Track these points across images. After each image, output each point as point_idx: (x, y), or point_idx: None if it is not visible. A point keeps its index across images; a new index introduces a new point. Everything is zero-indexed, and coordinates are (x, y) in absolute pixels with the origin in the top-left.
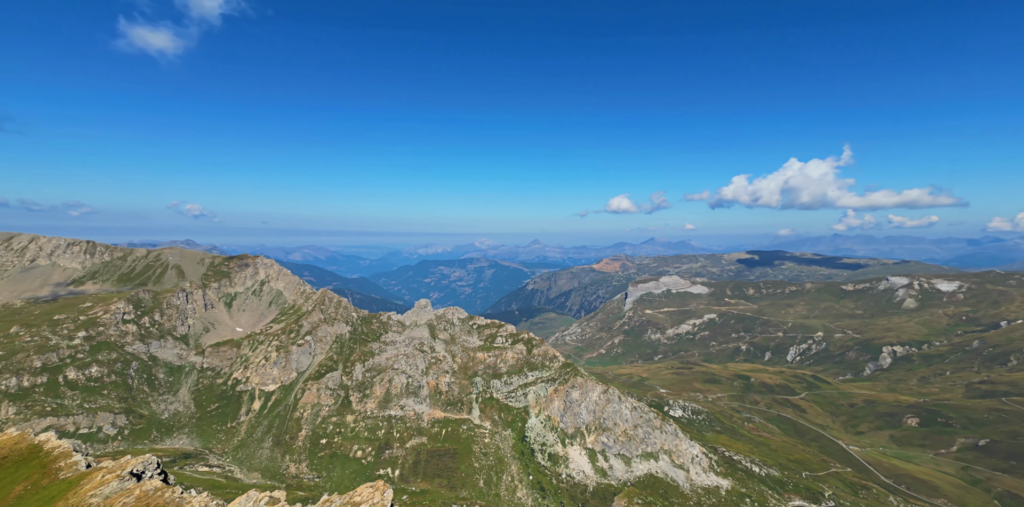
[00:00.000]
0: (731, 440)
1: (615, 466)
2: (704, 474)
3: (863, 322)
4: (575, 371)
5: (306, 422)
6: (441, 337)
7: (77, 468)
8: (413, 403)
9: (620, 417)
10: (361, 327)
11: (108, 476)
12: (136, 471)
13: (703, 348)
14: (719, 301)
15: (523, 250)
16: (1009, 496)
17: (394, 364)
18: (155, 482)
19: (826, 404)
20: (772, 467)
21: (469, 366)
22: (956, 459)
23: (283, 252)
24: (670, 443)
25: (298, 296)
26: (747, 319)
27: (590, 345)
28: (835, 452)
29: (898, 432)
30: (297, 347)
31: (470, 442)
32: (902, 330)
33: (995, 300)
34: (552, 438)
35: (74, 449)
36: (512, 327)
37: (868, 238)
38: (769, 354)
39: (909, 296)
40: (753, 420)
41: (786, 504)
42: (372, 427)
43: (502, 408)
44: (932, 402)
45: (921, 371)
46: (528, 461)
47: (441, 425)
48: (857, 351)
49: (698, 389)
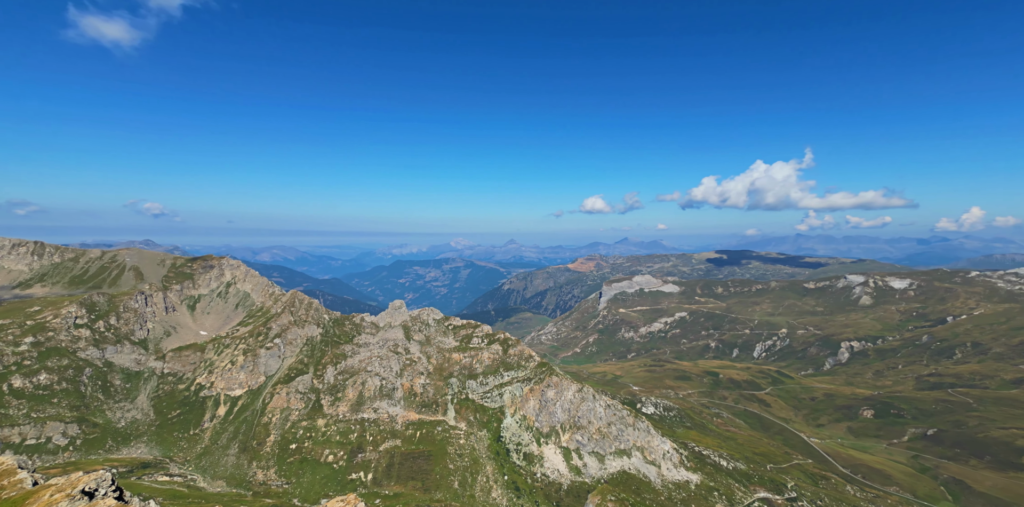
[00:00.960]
0: (701, 435)
1: (589, 464)
2: (675, 469)
3: (823, 319)
4: (551, 370)
5: (275, 427)
6: (416, 338)
7: (22, 486)
8: (387, 405)
9: (594, 415)
10: (333, 329)
11: (57, 496)
12: (88, 489)
13: (674, 346)
14: (690, 299)
15: (499, 250)
16: (954, 482)
17: (367, 366)
18: (109, 501)
19: (789, 398)
20: (739, 461)
21: (444, 367)
22: (907, 448)
23: (251, 253)
24: (642, 440)
25: (267, 298)
26: (716, 317)
27: (565, 344)
28: (797, 444)
29: (855, 424)
30: (265, 350)
31: (445, 444)
32: (859, 326)
33: (942, 297)
34: (527, 437)
35: (19, 465)
36: (488, 327)
37: (828, 238)
38: (737, 351)
39: (865, 293)
40: (722, 415)
41: (751, 496)
42: (344, 431)
43: (478, 409)
44: (886, 395)
45: (876, 365)
46: (503, 461)
47: (416, 427)
48: (818, 347)
49: (670, 386)
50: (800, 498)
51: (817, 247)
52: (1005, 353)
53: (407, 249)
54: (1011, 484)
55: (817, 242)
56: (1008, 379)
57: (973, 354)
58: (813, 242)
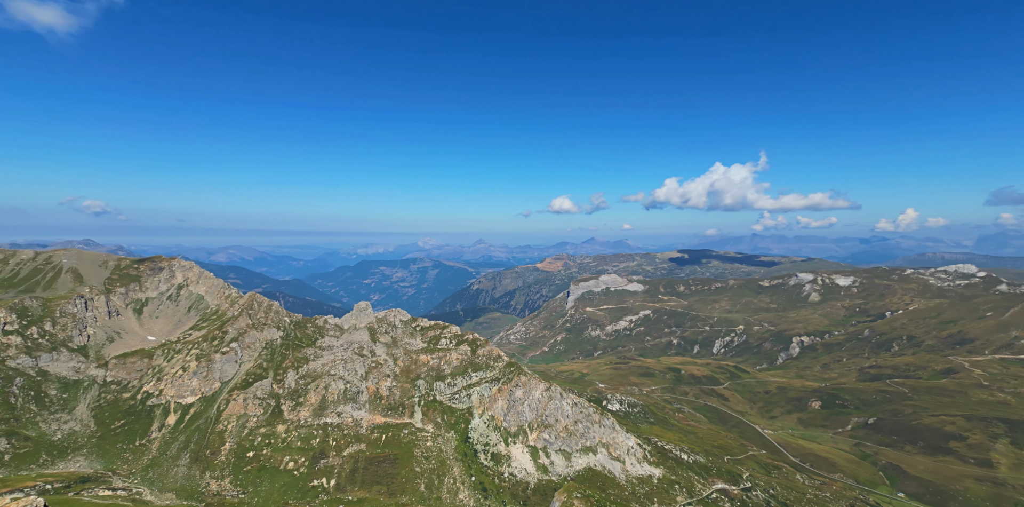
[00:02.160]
0: (663, 430)
1: (556, 462)
2: (638, 464)
3: (777, 315)
4: (519, 370)
5: (230, 435)
6: (382, 340)
7: None
8: (351, 409)
9: (562, 413)
10: (294, 332)
11: None
12: None
13: (639, 343)
14: (653, 298)
15: (468, 250)
16: (891, 467)
17: (331, 370)
18: None
19: (745, 392)
20: (699, 454)
21: (412, 369)
22: (850, 437)
23: (205, 253)
24: (608, 436)
25: (222, 300)
26: (678, 315)
27: (534, 343)
28: (752, 436)
29: (804, 415)
30: (221, 355)
31: (411, 446)
32: (808, 322)
33: (881, 293)
34: (495, 438)
35: None
36: (456, 328)
37: (781, 238)
38: (697, 347)
39: (814, 291)
40: (683, 410)
41: (710, 488)
42: (306, 436)
43: (445, 410)
44: (832, 386)
45: (823, 358)
46: (471, 462)
47: (381, 430)
48: (772, 342)
49: (634, 383)
50: (754, 488)
51: (771, 246)
52: (936, 345)
53: (373, 249)
54: (940, 467)
55: (771, 242)
56: (938, 369)
57: (908, 347)
58: (768, 242)
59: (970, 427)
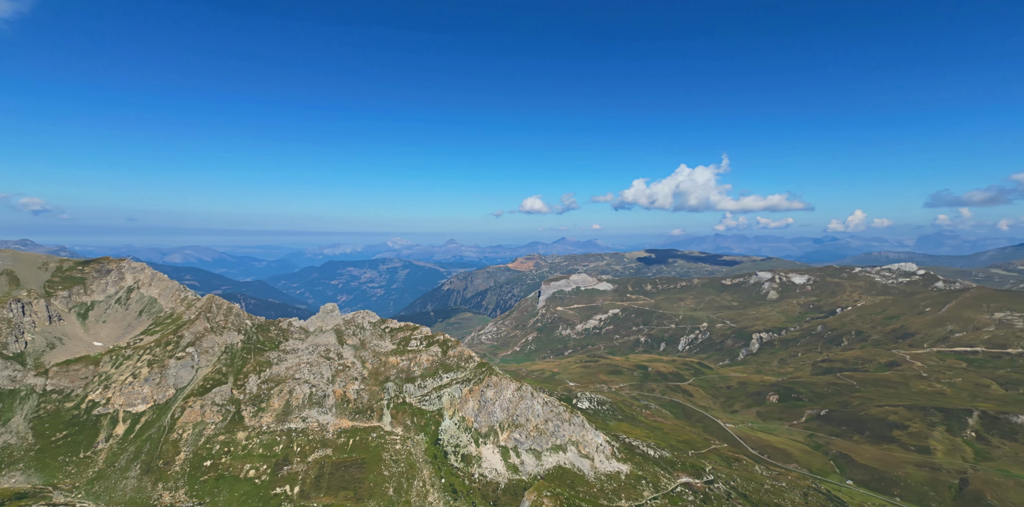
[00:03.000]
0: (631, 427)
1: (526, 461)
2: (607, 461)
3: (738, 312)
4: (490, 370)
5: (186, 444)
6: (350, 343)
7: None
8: (317, 414)
9: (532, 413)
10: (256, 335)
11: None
12: None
13: (608, 341)
14: (622, 297)
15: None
16: (841, 456)
17: (295, 374)
18: None
19: (709, 388)
20: (664, 449)
21: (381, 371)
22: (804, 428)
23: (158, 253)
24: (577, 434)
25: (177, 303)
26: (645, 313)
27: (505, 343)
28: (715, 430)
29: (763, 408)
30: (176, 360)
31: (380, 450)
32: (767, 318)
33: (833, 291)
34: (466, 439)
35: None
36: (427, 329)
37: (742, 238)
38: (664, 344)
39: (772, 289)
40: (650, 407)
41: (675, 482)
42: (268, 443)
43: (415, 412)
44: (788, 380)
45: (780, 354)
46: (441, 464)
47: (348, 435)
48: (733, 338)
49: (603, 380)
50: (716, 480)
51: (733, 246)
52: (881, 339)
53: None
54: (884, 455)
55: (733, 241)
56: (883, 362)
57: (856, 341)
58: (729, 241)
59: (911, 416)
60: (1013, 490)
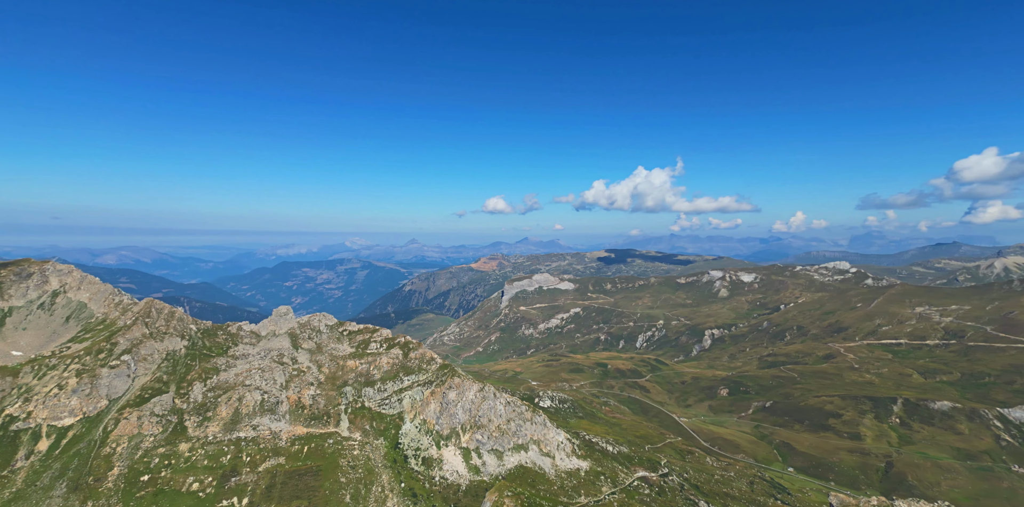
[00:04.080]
0: (591, 424)
1: (488, 462)
2: (567, 458)
3: (692, 310)
4: (453, 372)
5: (120, 458)
6: (305, 347)
7: None
8: (269, 421)
9: (495, 413)
10: (202, 341)
11: None
12: None
13: (570, 340)
14: (583, 296)
15: (400, 250)
16: (783, 445)
17: (246, 380)
18: None
19: (665, 383)
20: (623, 444)
21: (338, 376)
22: (751, 419)
23: (88, 255)
24: (539, 433)
25: (111, 308)
26: (605, 311)
27: (468, 344)
28: (670, 425)
29: (714, 402)
30: (109, 369)
31: (337, 456)
32: (718, 316)
33: (777, 288)
34: (427, 442)
35: None
36: (387, 331)
37: (695, 238)
38: (623, 342)
39: (723, 287)
40: (609, 403)
41: (632, 476)
42: (215, 454)
43: (374, 417)
44: (737, 375)
45: (730, 349)
46: (401, 468)
47: (303, 442)
48: (687, 335)
49: (565, 379)
50: (671, 473)
51: (687, 246)
52: (819, 334)
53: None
54: (821, 443)
55: (687, 241)
56: (821, 355)
57: (798, 336)
58: (684, 241)
59: (844, 405)
60: (930, 470)
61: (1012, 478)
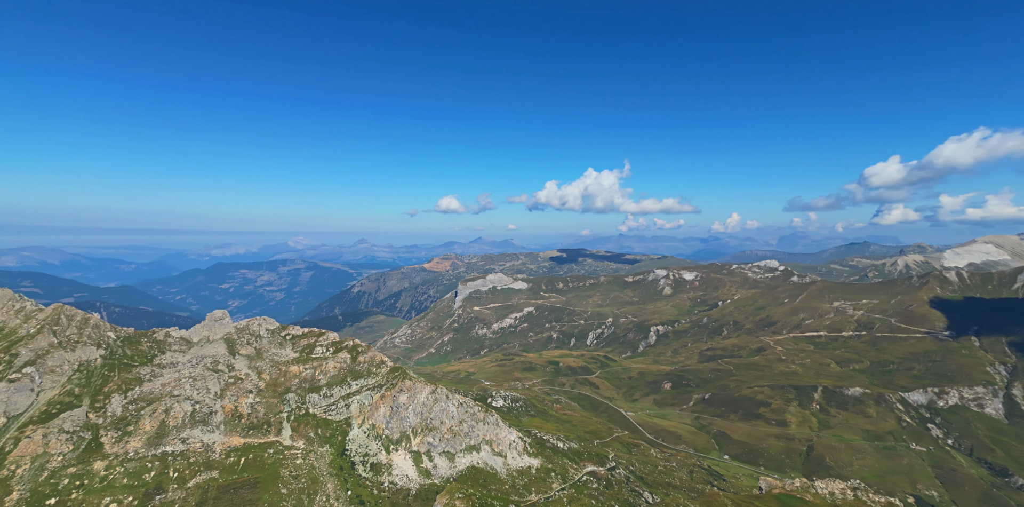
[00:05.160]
0: (543, 421)
1: (439, 464)
2: (519, 457)
3: (639, 307)
4: (404, 375)
5: (21, 481)
6: (243, 352)
7: None
8: (201, 433)
9: (447, 415)
10: (123, 349)
11: None
12: None
13: (523, 339)
14: (536, 295)
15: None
16: (720, 434)
17: (174, 390)
18: None
19: (613, 379)
20: (573, 441)
21: (280, 382)
22: (692, 411)
23: None
24: (491, 433)
25: (10, 315)
26: (558, 310)
27: (420, 345)
28: (618, 419)
29: (659, 396)
30: (8, 383)
31: (277, 467)
32: (663, 313)
33: (716, 286)
34: (376, 447)
35: None
36: (334, 335)
37: (642, 238)
38: (574, 340)
39: (667, 285)
40: (560, 401)
41: (581, 471)
42: (136, 471)
43: (320, 423)
44: (679, 369)
45: (674, 344)
46: (348, 475)
47: (240, 453)
48: (634, 332)
49: (518, 378)
50: (618, 466)
51: (634, 245)
52: (752, 328)
53: (231, 249)
54: (754, 430)
55: (634, 241)
56: (753, 348)
57: (734, 330)
58: (631, 241)
59: (773, 395)
60: (844, 452)
61: (911, 455)
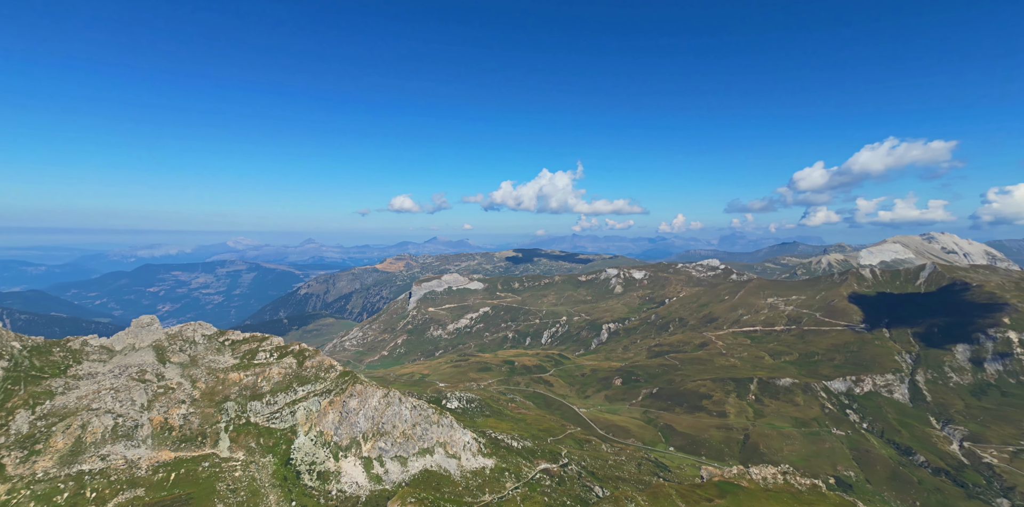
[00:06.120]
0: (498, 421)
1: (391, 469)
2: (473, 458)
3: (591, 306)
4: (354, 379)
5: None
6: (176, 360)
7: None
8: (124, 449)
9: (400, 419)
10: (30, 360)
11: None
12: None
13: (479, 339)
14: (492, 295)
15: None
16: (666, 427)
17: (92, 403)
18: None
19: (567, 376)
20: (527, 439)
21: (218, 390)
22: (641, 406)
23: None
24: (445, 435)
25: None
26: (513, 310)
27: (372, 348)
28: (571, 416)
29: (610, 391)
30: None
31: (213, 481)
32: (614, 310)
33: (663, 284)
34: (323, 454)
35: None
36: (279, 339)
37: (594, 238)
38: (529, 339)
39: (618, 284)
40: (515, 400)
41: (535, 469)
42: (46, 493)
43: (262, 433)
44: (629, 365)
45: (624, 341)
46: (292, 486)
47: (170, 468)
48: (587, 330)
49: (473, 378)
50: (570, 462)
51: (587, 245)
52: (696, 325)
53: (161, 250)
54: (696, 422)
55: (587, 241)
56: (697, 344)
57: (680, 327)
58: (584, 241)
59: (714, 387)
60: (776, 439)
61: (832, 439)
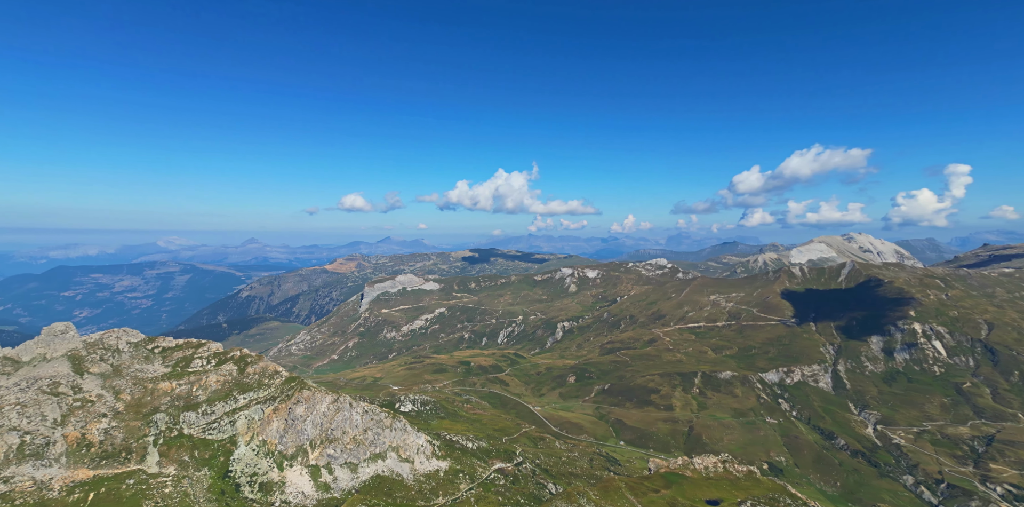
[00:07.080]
0: (453, 423)
1: (340, 476)
2: (427, 461)
3: (547, 305)
4: (301, 385)
5: None
6: (95, 371)
7: None
8: (32, 469)
9: (350, 424)
10: None
11: None
12: None
13: (434, 341)
14: (448, 296)
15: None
16: (617, 422)
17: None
18: None
19: (522, 375)
20: (482, 440)
21: (146, 402)
22: (593, 402)
23: None
24: (398, 439)
25: None
26: (470, 310)
27: (321, 352)
28: (526, 415)
29: (564, 389)
30: None
31: (139, 499)
32: (568, 309)
33: (615, 283)
34: (267, 464)
35: None
36: (217, 345)
37: (549, 238)
38: (486, 339)
39: (572, 283)
40: (471, 400)
41: (489, 469)
42: None
43: (197, 445)
44: (583, 362)
45: (578, 339)
46: (231, 499)
47: (88, 488)
48: (543, 329)
49: (428, 380)
50: (525, 461)
51: (543, 245)
52: (646, 322)
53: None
54: (645, 416)
55: (543, 241)
56: (646, 340)
57: (630, 324)
58: (540, 241)
59: (662, 382)
60: (717, 429)
61: (766, 428)
